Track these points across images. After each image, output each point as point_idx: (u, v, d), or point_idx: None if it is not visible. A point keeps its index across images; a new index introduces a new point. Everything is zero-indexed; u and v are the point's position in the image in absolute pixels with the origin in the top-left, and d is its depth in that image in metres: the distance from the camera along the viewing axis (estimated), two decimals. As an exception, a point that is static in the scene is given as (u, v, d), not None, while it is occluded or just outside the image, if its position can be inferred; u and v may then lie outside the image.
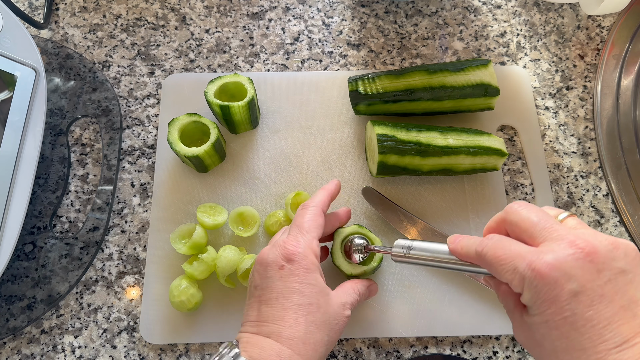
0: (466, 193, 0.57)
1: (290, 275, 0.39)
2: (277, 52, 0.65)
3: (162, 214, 0.56)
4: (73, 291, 0.53)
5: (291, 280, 0.39)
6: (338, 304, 0.40)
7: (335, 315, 0.39)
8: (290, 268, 0.39)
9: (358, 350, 0.52)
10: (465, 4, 0.68)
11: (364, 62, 0.65)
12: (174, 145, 0.53)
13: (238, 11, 0.67)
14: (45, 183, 0.57)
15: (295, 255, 0.39)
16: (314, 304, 0.38)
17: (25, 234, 0.55)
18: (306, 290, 0.38)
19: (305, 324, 0.37)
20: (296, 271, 0.39)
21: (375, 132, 0.52)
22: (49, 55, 0.63)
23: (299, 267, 0.39)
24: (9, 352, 0.51)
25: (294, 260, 0.39)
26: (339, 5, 0.68)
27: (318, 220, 0.43)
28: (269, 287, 0.39)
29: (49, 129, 0.59)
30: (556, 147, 0.60)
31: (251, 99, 0.54)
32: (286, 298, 0.38)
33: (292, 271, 0.39)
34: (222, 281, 0.50)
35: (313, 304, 0.38)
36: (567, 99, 0.63)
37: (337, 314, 0.40)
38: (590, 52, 0.65)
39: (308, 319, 0.37)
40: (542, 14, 0.68)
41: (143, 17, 0.66)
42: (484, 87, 0.55)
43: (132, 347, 0.51)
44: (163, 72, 0.64)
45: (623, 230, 0.57)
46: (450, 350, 0.52)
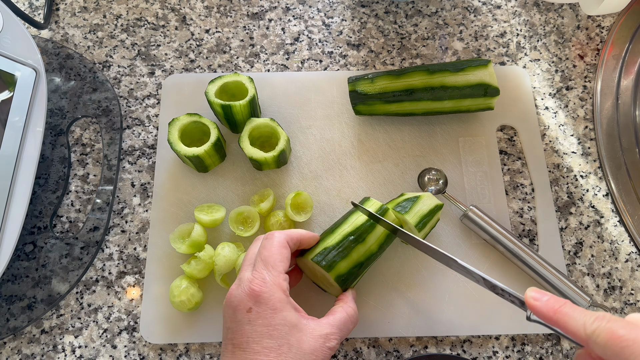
0: (466, 192, 0.57)
1: (258, 318, 0.38)
2: (277, 52, 0.65)
3: (162, 214, 0.56)
4: (73, 291, 0.53)
5: (259, 324, 0.38)
6: (315, 338, 0.39)
7: (312, 351, 0.39)
8: (257, 310, 0.39)
9: (358, 350, 0.52)
10: (465, 4, 0.68)
11: (364, 62, 0.65)
12: (174, 145, 0.53)
13: (238, 11, 0.67)
14: (45, 183, 0.57)
15: (261, 297, 0.39)
16: (285, 345, 0.38)
17: (25, 233, 0.55)
18: (275, 332, 0.38)
19: None
20: (263, 313, 0.39)
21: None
22: (49, 56, 0.63)
23: (266, 309, 0.39)
24: (9, 352, 0.51)
25: (261, 301, 0.39)
26: (339, 6, 0.68)
27: (283, 252, 0.42)
28: (239, 331, 0.39)
29: (49, 129, 0.59)
30: (556, 147, 0.60)
31: (252, 97, 0.55)
32: (256, 342, 0.38)
33: (259, 314, 0.39)
34: (218, 280, 0.50)
35: (284, 345, 0.38)
36: (567, 99, 0.63)
37: (314, 349, 0.39)
38: (590, 52, 0.65)
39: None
40: (542, 14, 0.68)
41: (143, 17, 0.67)
42: (483, 87, 0.55)
43: (132, 347, 0.51)
44: (163, 72, 0.64)
45: (623, 230, 0.57)
46: (450, 350, 0.52)
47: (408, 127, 0.60)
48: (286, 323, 0.39)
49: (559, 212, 0.57)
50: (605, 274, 0.55)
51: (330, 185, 0.57)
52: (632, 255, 0.56)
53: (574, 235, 0.56)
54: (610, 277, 0.55)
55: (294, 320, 0.39)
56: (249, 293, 0.39)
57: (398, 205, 0.51)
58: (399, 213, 0.50)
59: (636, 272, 0.55)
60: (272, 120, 0.55)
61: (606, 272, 0.55)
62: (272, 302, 0.39)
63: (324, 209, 0.56)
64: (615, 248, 0.56)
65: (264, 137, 0.57)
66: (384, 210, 0.49)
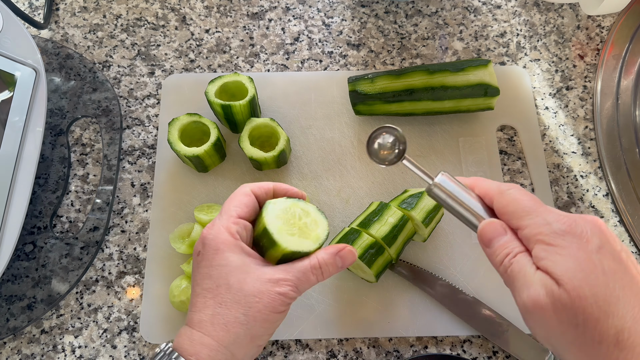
0: (466, 193, 0.57)
1: (202, 260, 0.39)
2: (277, 52, 0.65)
3: (162, 214, 0.56)
4: (73, 291, 0.53)
5: (202, 265, 0.38)
6: (261, 281, 0.37)
7: (254, 293, 0.37)
8: (203, 253, 0.39)
9: (358, 350, 0.52)
10: (465, 4, 0.68)
11: (364, 62, 0.65)
12: (174, 145, 0.53)
13: (238, 11, 0.67)
14: (45, 183, 0.57)
15: (206, 239, 0.39)
16: (223, 285, 0.37)
17: (25, 233, 0.55)
18: (214, 272, 0.38)
19: (213, 306, 0.37)
20: (206, 254, 0.38)
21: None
22: (49, 55, 0.63)
23: (209, 250, 0.38)
24: (9, 352, 0.51)
25: (205, 243, 0.39)
26: (339, 6, 0.68)
27: (240, 199, 0.41)
28: (192, 277, 0.40)
29: (49, 129, 0.59)
30: (556, 147, 0.60)
31: (252, 97, 0.55)
32: (198, 284, 0.38)
33: (203, 255, 0.39)
34: None
35: (222, 286, 0.37)
36: (567, 99, 0.63)
37: (258, 291, 0.37)
38: (590, 52, 0.65)
39: (216, 300, 0.37)
40: (542, 14, 0.68)
41: (143, 17, 0.67)
42: (483, 87, 0.55)
43: (132, 347, 0.51)
44: (163, 72, 0.64)
45: (623, 230, 0.57)
46: (450, 350, 0.52)
47: (408, 127, 0.60)
48: (228, 263, 0.38)
49: (559, 212, 0.57)
50: (605, 274, 0.55)
51: (330, 185, 0.57)
52: (633, 255, 0.55)
53: (574, 235, 0.56)
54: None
55: (237, 261, 0.38)
56: (200, 238, 0.40)
57: (403, 202, 0.51)
58: (405, 210, 0.50)
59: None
60: (272, 120, 0.55)
61: (606, 272, 0.55)
62: (215, 243, 0.38)
63: (324, 208, 0.56)
64: (615, 248, 0.56)
65: (264, 137, 0.57)
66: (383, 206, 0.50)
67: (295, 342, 0.52)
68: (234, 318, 0.36)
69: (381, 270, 0.49)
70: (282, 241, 0.38)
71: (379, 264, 0.49)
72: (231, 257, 0.38)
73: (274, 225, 0.39)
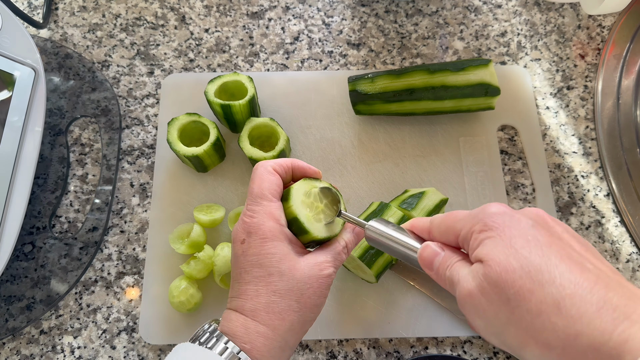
0: (466, 192, 0.57)
1: (249, 248, 0.38)
2: (277, 51, 0.65)
3: (161, 214, 0.55)
4: (72, 291, 0.53)
5: (250, 254, 0.38)
6: (309, 266, 0.38)
7: (305, 280, 0.38)
8: (249, 241, 0.39)
9: (358, 350, 0.51)
10: (465, 4, 0.68)
11: (364, 61, 0.64)
12: (174, 145, 0.53)
13: (238, 11, 0.67)
14: (44, 183, 0.57)
15: (252, 227, 0.39)
16: (275, 274, 0.37)
17: (24, 234, 0.55)
18: (265, 260, 0.38)
19: (267, 295, 0.37)
20: (253, 243, 0.38)
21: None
22: (48, 55, 0.63)
23: (256, 238, 0.38)
24: (9, 353, 0.51)
25: (251, 231, 0.39)
26: (339, 5, 0.68)
27: (271, 179, 0.40)
28: (236, 264, 0.39)
29: (48, 129, 0.59)
30: (557, 147, 0.60)
31: (252, 97, 0.54)
32: (247, 272, 0.38)
33: (250, 244, 0.38)
34: (217, 280, 0.50)
35: (274, 274, 0.37)
36: (567, 98, 0.63)
37: (308, 278, 0.38)
38: (591, 52, 0.65)
39: (269, 289, 0.37)
40: (543, 13, 0.67)
41: (142, 17, 0.66)
42: (484, 87, 0.55)
43: (131, 347, 0.51)
44: (162, 71, 0.63)
45: (624, 230, 0.56)
46: (451, 350, 0.51)
47: (408, 127, 0.60)
48: (277, 252, 0.38)
49: (560, 212, 0.57)
50: (606, 274, 0.55)
51: (330, 185, 0.57)
52: (633, 255, 0.55)
53: (574, 236, 0.56)
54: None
55: (285, 249, 0.38)
56: (242, 225, 0.39)
57: (404, 202, 0.51)
58: (405, 210, 0.50)
59: (637, 272, 0.55)
60: (272, 120, 0.55)
61: (607, 272, 0.55)
62: (262, 231, 0.38)
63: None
64: (616, 248, 0.56)
65: (263, 136, 0.57)
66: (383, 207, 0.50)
67: (295, 343, 0.52)
68: (287, 306, 0.37)
69: (381, 271, 0.49)
70: (313, 229, 0.40)
71: (379, 264, 0.48)
72: (279, 245, 0.38)
73: (303, 214, 0.40)
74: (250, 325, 0.36)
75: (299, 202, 0.40)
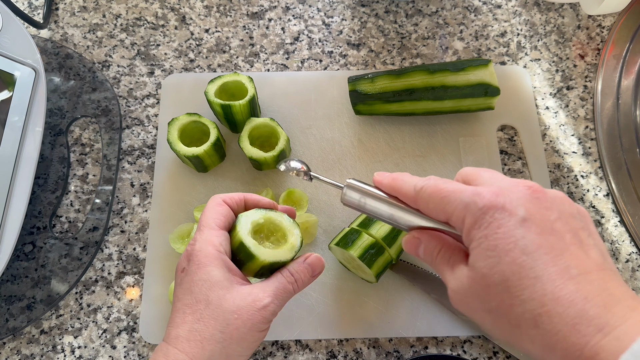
0: (466, 193, 0.57)
1: (186, 276, 0.38)
2: (277, 51, 0.65)
3: (161, 214, 0.56)
4: (73, 291, 0.53)
5: (186, 281, 0.38)
6: (241, 297, 0.37)
7: (232, 309, 0.36)
8: (187, 269, 0.38)
9: (358, 350, 0.51)
10: (465, 4, 0.68)
11: (364, 61, 0.65)
12: (174, 145, 0.53)
13: (238, 11, 0.67)
14: (44, 183, 0.57)
15: (192, 255, 0.38)
16: (202, 301, 0.36)
17: (24, 234, 0.55)
18: (195, 287, 0.37)
19: (192, 322, 0.36)
20: (190, 270, 0.38)
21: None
22: (48, 55, 0.63)
23: (193, 264, 0.38)
24: (9, 353, 0.51)
25: (191, 259, 0.38)
26: (339, 5, 0.68)
27: (217, 209, 0.40)
28: (174, 294, 0.39)
29: (48, 129, 0.59)
30: (557, 147, 0.60)
31: (252, 97, 0.54)
32: (179, 300, 0.37)
33: (187, 272, 0.38)
34: None
35: (201, 301, 0.36)
36: (567, 98, 0.63)
37: (237, 308, 0.36)
38: (590, 52, 0.65)
39: (195, 317, 0.36)
40: (543, 13, 0.67)
41: (143, 17, 0.66)
42: (484, 87, 0.55)
43: (131, 347, 0.51)
44: (163, 72, 0.63)
45: (623, 230, 0.56)
46: (451, 350, 0.51)
47: (408, 127, 0.60)
48: (209, 278, 0.37)
49: (559, 212, 0.57)
50: (605, 274, 0.55)
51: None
52: (633, 255, 0.55)
53: (574, 236, 0.56)
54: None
55: (219, 276, 0.37)
56: (184, 254, 0.39)
57: None
58: None
59: (637, 272, 0.55)
60: (272, 120, 0.55)
61: (607, 272, 0.55)
62: (199, 258, 0.37)
63: (324, 209, 0.56)
64: (615, 248, 0.56)
65: (263, 136, 0.57)
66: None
67: (295, 343, 0.52)
68: (210, 335, 0.36)
69: (381, 271, 0.49)
70: (260, 254, 0.38)
71: (379, 264, 0.48)
72: (213, 271, 0.37)
73: (250, 238, 0.39)
74: (170, 354, 0.35)
75: (247, 229, 0.39)
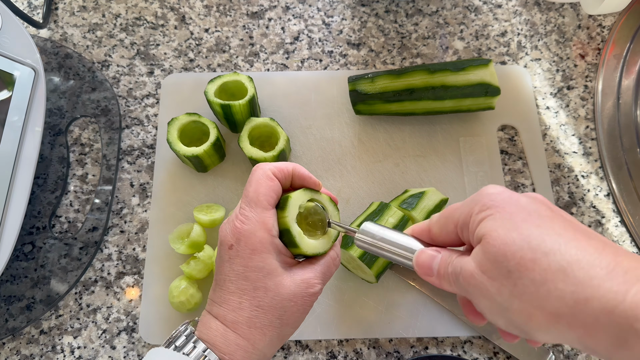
0: (466, 192, 0.57)
1: (237, 257, 0.37)
2: (276, 51, 0.65)
3: (161, 214, 0.55)
4: (72, 291, 0.53)
5: (237, 263, 0.37)
6: (296, 283, 0.37)
7: (290, 297, 0.37)
8: (237, 249, 0.37)
9: (358, 351, 0.51)
10: (465, 4, 0.68)
11: (364, 61, 0.64)
12: (174, 145, 0.53)
13: (238, 10, 0.67)
14: (44, 183, 0.57)
15: (242, 234, 0.37)
16: (261, 288, 0.36)
17: (24, 234, 0.55)
18: (251, 274, 0.36)
19: (250, 309, 0.36)
20: (242, 253, 0.37)
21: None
22: (48, 55, 0.63)
23: (245, 248, 0.37)
24: (8, 353, 0.51)
25: (241, 239, 0.37)
26: (339, 5, 0.68)
27: (269, 185, 0.38)
28: (220, 268, 0.38)
29: (48, 129, 0.59)
30: (557, 147, 0.60)
31: (252, 97, 0.54)
32: (231, 281, 0.37)
33: (238, 253, 0.37)
34: None
35: (259, 289, 0.36)
36: (568, 98, 0.63)
37: (293, 295, 0.37)
38: (591, 52, 0.65)
39: (253, 303, 0.36)
40: (543, 13, 0.67)
41: (142, 17, 0.66)
42: (484, 87, 0.55)
43: (131, 347, 0.51)
44: (162, 71, 0.63)
45: (624, 230, 0.56)
46: (451, 351, 0.51)
47: (408, 127, 0.60)
48: (264, 266, 0.37)
49: (560, 212, 0.57)
50: (606, 274, 0.54)
51: (330, 185, 0.57)
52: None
53: (575, 236, 0.56)
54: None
55: (275, 264, 0.37)
56: (232, 229, 0.38)
57: (404, 202, 0.51)
58: (406, 210, 0.50)
59: (637, 272, 0.55)
60: (272, 120, 0.55)
61: (607, 272, 0.55)
62: (252, 242, 0.37)
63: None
64: (616, 248, 0.56)
65: (263, 136, 0.57)
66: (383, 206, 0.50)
67: (295, 343, 0.52)
68: (269, 322, 0.36)
69: (381, 271, 0.49)
70: (304, 245, 0.39)
71: (379, 264, 0.48)
72: (268, 259, 0.37)
73: (296, 227, 0.39)
74: (230, 337, 0.35)
75: (294, 214, 0.39)
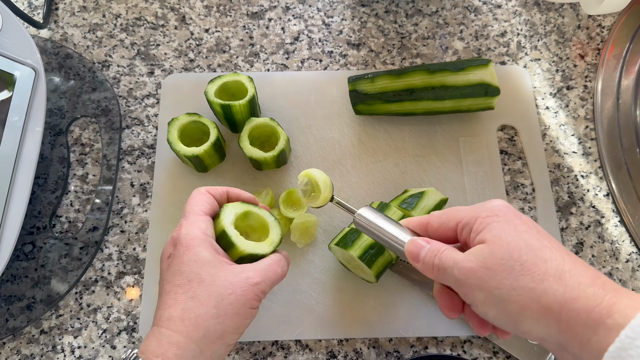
0: (466, 192, 0.57)
1: (174, 259, 0.38)
2: (277, 51, 0.65)
3: (161, 214, 0.56)
4: (72, 291, 0.53)
5: (174, 264, 0.38)
6: (234, 273, 0.37)
7: (226, 285, 0.36)
8: (174, 253, 0.38)
9: (358, 350, 0.51)
10: (465, 4, 0.68)
11: (364, 61, 0.65)
12: (174, 145, 0.53)
13: (238, 11, 0.67)
14: (44, 183, 0.57)
15: (178, 239, 0.38)
16: (195, 280, 0.36)
17: (24, 234, 0.55)
18: (186, 268, 0.37)
19: (184, 301, 0.36)
20: (178, 253, 0.38)
21: None
22: (48, 55, 0.63)
23: (181, 247, 0.38)
24: (9, 353, 0.51)
25: (177, 243, 0.38)
26: (339, 5, 0.68)
27: (201, 198, 0.41)
28: (160, 280, 0.39)
29: (48, 129, 0.59)
30: (557, 147, 0.60)
31: (252, 97, 0.54)
32: (168, 282, 0.37)
33: (175, 255, 0.38)
34: None
35: (193, 280, 0.36)
36: (567, 98, 0.63)
37: (230, 283, 0.36)
38: (590, 52, 0.65)
39: (187, 295, 0.36)
40: (543, 13, 0.67)
41: (142, 17, 0.66)
42: (484, 87, 0.55)
43: (131, 347, 0.51)
44: (163, 71, 0.63)
45: (623, 230, 0.56)
46: (451, 350, 0.51)
47: (408, 127, 0.60)
48: (199, 259, 0.37)
49: (559, 212, 0.57)
50: (605, 274, 0.55)
51: (330, 185, 0.57)
52: (633, 255, 0.55)
53: (574, 236, 0.56)
54: (610, 278, 0.54)
55: (209, 256, 0.37)
56: (169, 240, 0.40)
57: (403, 202, 0.51)
58: (405, 210, 0.50)
59: (637, 272, 0.55)
60: (272, 120, 0.55)
61: (607, 272, 0.55)
62: (186, 240, 0.38)
63: (324, 209, 0.56)
64: (615, 248, 0.56)
65: (263, 136, 0.57)
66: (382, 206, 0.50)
67: (295, 343, 0.52)
68: (204, 311, 0.36)
69: (381, 271, 0.49)
70: (240, 244, 0.40)
71: (379, 264, 0.48)
72: (202, 252, 0.38)
73: (232, 228, 0.40)
74: (163, 336, 0.35)
75: (229, 219, 0.40)
